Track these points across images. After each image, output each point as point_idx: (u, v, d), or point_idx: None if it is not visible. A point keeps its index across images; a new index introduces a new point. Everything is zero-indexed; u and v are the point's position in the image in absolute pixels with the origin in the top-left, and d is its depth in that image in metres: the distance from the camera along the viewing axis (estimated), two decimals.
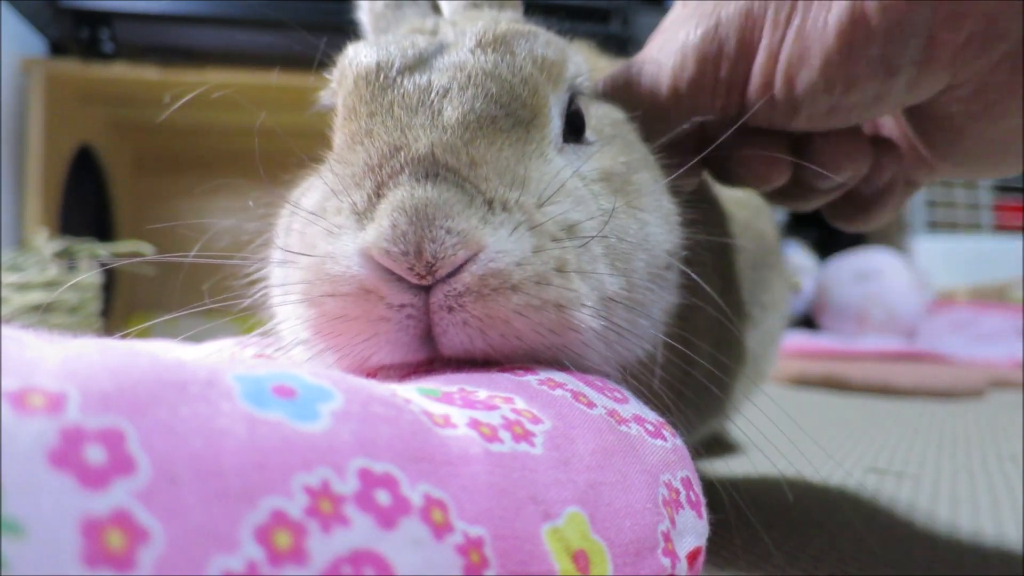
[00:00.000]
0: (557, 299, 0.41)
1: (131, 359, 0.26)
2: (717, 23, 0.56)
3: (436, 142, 0.43)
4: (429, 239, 0.39)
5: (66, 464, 0.21)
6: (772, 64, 0.54)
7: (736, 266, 0.76)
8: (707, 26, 0.56)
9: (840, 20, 0.49)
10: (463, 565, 0.27)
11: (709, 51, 0.56)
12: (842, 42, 0.50)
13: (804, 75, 0.52)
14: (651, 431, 0.39)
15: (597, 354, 0.45)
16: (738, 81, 0.56)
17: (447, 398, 0.36)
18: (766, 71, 0.54)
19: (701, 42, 0.56)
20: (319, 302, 0.42)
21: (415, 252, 0.39)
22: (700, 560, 0.37)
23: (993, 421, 1.56)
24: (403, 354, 0.42)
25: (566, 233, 0.44)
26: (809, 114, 0.55)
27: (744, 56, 0.55)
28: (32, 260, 1.51)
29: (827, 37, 0.50)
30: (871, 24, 0.48)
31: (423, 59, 0.49)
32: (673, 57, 0.58)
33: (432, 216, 0.39)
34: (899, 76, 0.50)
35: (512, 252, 0.40)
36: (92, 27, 2.38)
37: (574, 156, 0.50)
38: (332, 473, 0.26)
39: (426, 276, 0.39)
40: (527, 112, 0.47)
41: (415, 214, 0.39)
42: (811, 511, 0.79)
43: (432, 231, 0.39)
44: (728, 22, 0.55)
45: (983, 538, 0.72)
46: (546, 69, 0.50)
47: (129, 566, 0.21)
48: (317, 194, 0.47)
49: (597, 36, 0.94)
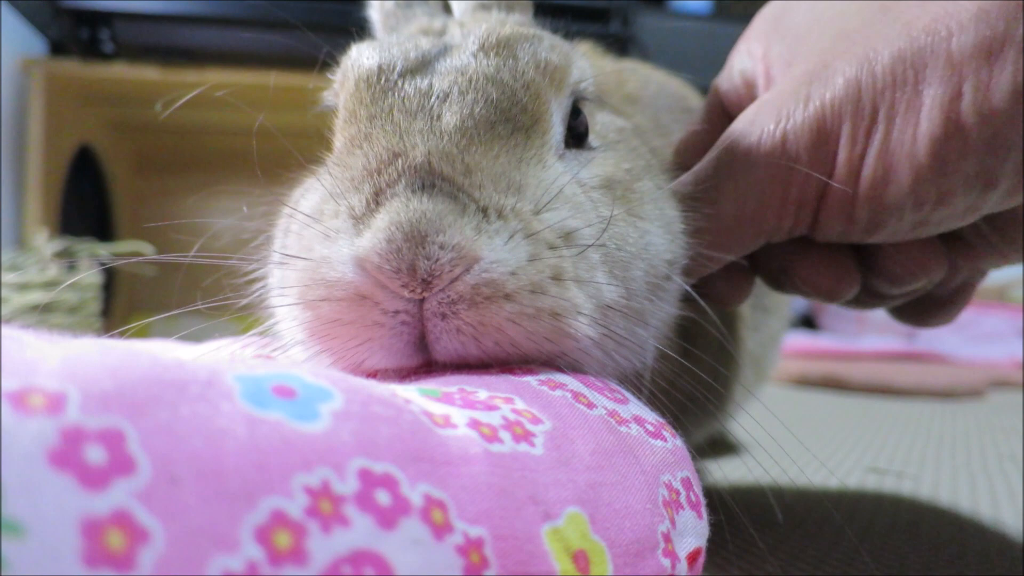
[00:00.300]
0: (552, 307, 0.41)
1: (131, 359, 0.26)
2: (784, 138, 0.50)
3: (433, 150, 0.43)
4: (423, 256, 0.39)
5: (66, 464, 0.21)
6: (852, 183, 0.48)
7: None
8: (773, 142, 0.50)
9: (933, 135, 0.45)
10: (463, 565, 0.27)
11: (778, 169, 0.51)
12: (935, 158, 0.45)
13: (890, 194, 0.47)
14: (651, 432, 0.39)
15: (595, 362, 0.45)
16: (809, 200, 0.51)
17: (447, 398, 0.36)
18: (843, 191, 0.49)
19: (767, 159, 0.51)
20: (314, 305, 0.42)
21: (408, 270, 0.39)
22: (700, 560, 0.37)
23: (993, 421, 1.56)
24: (397, 359, 0.42)
25: (563, 241, 0.43)
26: (892, 231, 0.50)
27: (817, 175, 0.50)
28: (32, 260, 1.51)
29: (917, 153, 0.45)
30: (968, 139, 0.44)
31: (425, 62, 0.49)
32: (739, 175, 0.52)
33: (425, 232, 0.39)
34: (997, 189, 0.46)
35: (507, 261, 0.40)
36: (92, 27, 2.37)
37: (575, 162, 0.50)
38: (332, 473, 0.26)
39: (421, 293, 0.39)
40: (528, 117, 0.47)
41: (410, 229, 0.39)
42: (811, 511, 0.79)
43: (426, 248, 0.39)
44: (797, 136, 0.49)
45: (983, 538, 0.72)
46: (549, 74, 0.50)
47: (129, 566, 0.21)
48: (315, 196, 0.47)
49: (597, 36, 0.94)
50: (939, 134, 0.45)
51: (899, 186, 0.47)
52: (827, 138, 0.49)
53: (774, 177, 0.51)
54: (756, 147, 0.51)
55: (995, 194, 0.46)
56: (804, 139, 0.49)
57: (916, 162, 0.46)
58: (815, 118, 0.49)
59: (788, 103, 0.50)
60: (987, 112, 0.44)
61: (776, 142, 0.50)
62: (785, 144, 0.50)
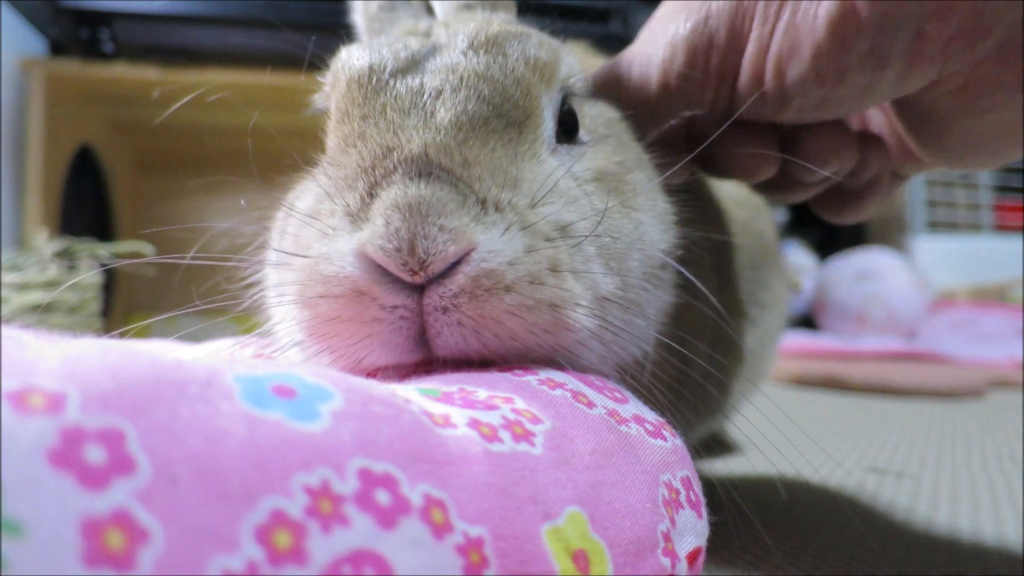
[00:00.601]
0: (551, 299, 0.41)
1: (131, 359, 0.26)
2: (707, 16, 0.56)
3: (429, 142, 0.43)
4: (422, 235, 0.39)
5: (66, 464, 0.21)
6: (762, 56, 0.54)
7: (735, 265, 0.76)
8: (696, 19, 0.56)
9: (830, 13, 0.50)
10: (463, 565, 0.27)
11: (699, 43, 0.56)
12: (832, 35, 0.50)
13: (794, 67, 0.52)
14: (651, 431, 0.39)
15: (593, 354, 0.45)
16: (728, 73, 0.57)
17: (447, 398, 0.36)
18: (756, 63, 0.54)
19: (691, 34, 0.56)
20: (313, 303, 0.42)
21: (408, 248, 0.39)
22: (700, 560, 0.37)
23: (993, 421, 1.56)
24: (397, 355, 0.42)
25: (559, 233, 0.44)
26: (799, 106, 0.55)
27: (734, 48, 0.55)
28: (32, 260, 1.51)
29: (817, 30, 0.50)
30: (861, 17, 0.49)
31: (415, 61, 0.49)
32: (662, 50, 0.58)
33: (425, 213, 0.39)
34: (888, 69, 0.50)
35: (504, 252, 0.40)
36: (92, 27, 2.38)
37: (567, 156, 0.50)
38: (332, 473, 0.26)
39: (419, 273, 0.39)
40: (519, 113, 0.48)
41: (408, 211, 0.39)
42: (811, 511, 0.79)
43: (425, 227, 0.39)
44: (718, 15, 0.55)
45: (983, 538, 0.72)
46: (538, 70, 0.50)
47: (129, 566, 0.21)
48: (311, 197, 0.47)
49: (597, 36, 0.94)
50: (836, 14, 0.49)
51: (801, 61, 0.52)
52: (743, 16, 0.54)
53: (697, 49, 0.57)
54: (684, 23, 0.57)
55: (887, 74, 0.51)
56: (724, 17, 0.55)
57: (816, 38, 0.51)
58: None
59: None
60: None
61: (700, 19, 0.56)
62: (708, 21, 0.56)
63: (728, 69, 0.56)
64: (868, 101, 0.54)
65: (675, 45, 0.57)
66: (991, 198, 4.82)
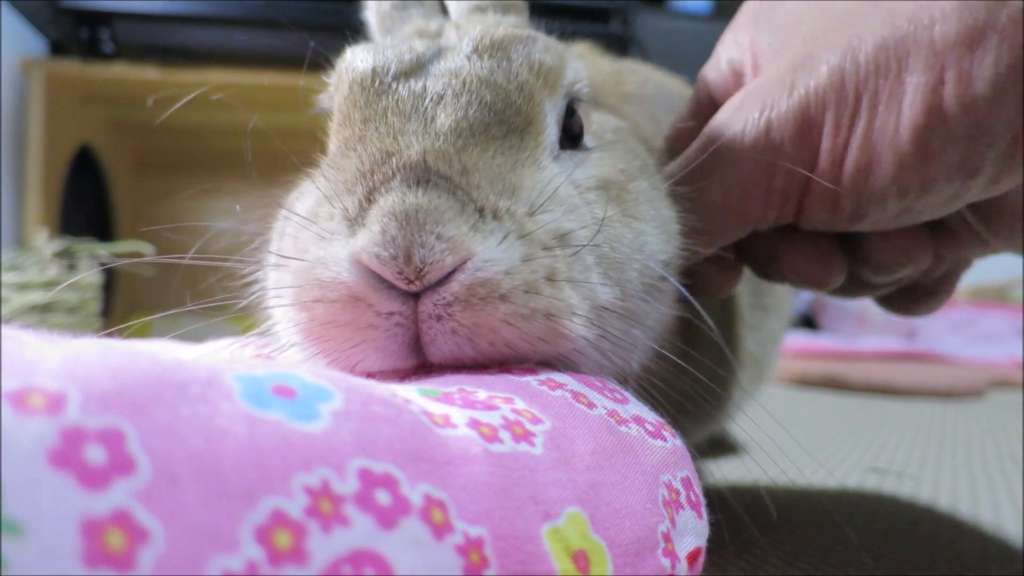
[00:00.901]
0: (547, 308, 0.41)
1: (131, 359, 0.26)
2: (768, 127, 0.50)
3: (428, 149, 0.43)
4: (419, 244, 0.39)
5: (66, 464, 0.21)
6: (836, 172, 0.49)
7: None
8: (757, 131, 0.51)
9: (915, 124, 0.45)
10: (463, 565, 0.27)
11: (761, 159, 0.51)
12: (918, 146, 0.45)
13: (874, 182, 0.48)
14: (651, 431, 0.39)
15: (590, 363, 0.45)
16: (794, 189, 0.51)
17: (447, 398, 0.36)
18: (829, 179, 0.49)
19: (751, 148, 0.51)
20: (309, 307, 0.42)
21: (404, 257, 0.39)
22: (700, 560, 0.37)
23: (993, 421, 1.56)
24: (391, 361, 0.42)
25: (558, 242, 0.43)
26: (875, 219, 0.50)
27: (801, 162, 0.50)
28: (32, 260, 1.51)
29: (900, 141, 0.46)
30: (951, 127, 0.44)
31: (420, 64, 0.49)
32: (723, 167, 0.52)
33: (422, 221, 0.39)
34: (980, 177, 0.46)
35: (501, 261, 0.40)
36: (92, 27, 2.37)
37: (570, 163, 0.50)
38: (332, 473, 0.26)
39: (415, 282, 0.39)
40: (522, 119, 0.47)
41: (405, 219, 0.39)
42: (811, 512, 0.79)
43: (422, 236, 0.39)
44: (781, 125, 0.50)
45: (983, 538, 0.72)
46: (543, 75, 0.50)
47: (129, 566, 0.21)
48: (310, 199, 0.47)
49: (597, 36, 0.94)
50: (922, 122, 0.45)
51: (882, 174, 0.47)
52: (811, 127, 0.49)
53: (759, 167, 0.51)
54: (741, 136, 0.52)
55: (978, 182, 0.47)
56: (788, 128, 0.50)
57: (899, 150, 0.46)
58: (799, 106, 0.49)
59: (773, 92, 0.51)
60: (969, 100, 0.44)
61: (760, 131, 0.51)
62: (769, 133, 0.50)
63: (795, 185, 0.51)
64: (954, 207, 0.50)
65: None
66: None
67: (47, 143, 2.26)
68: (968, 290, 3.89)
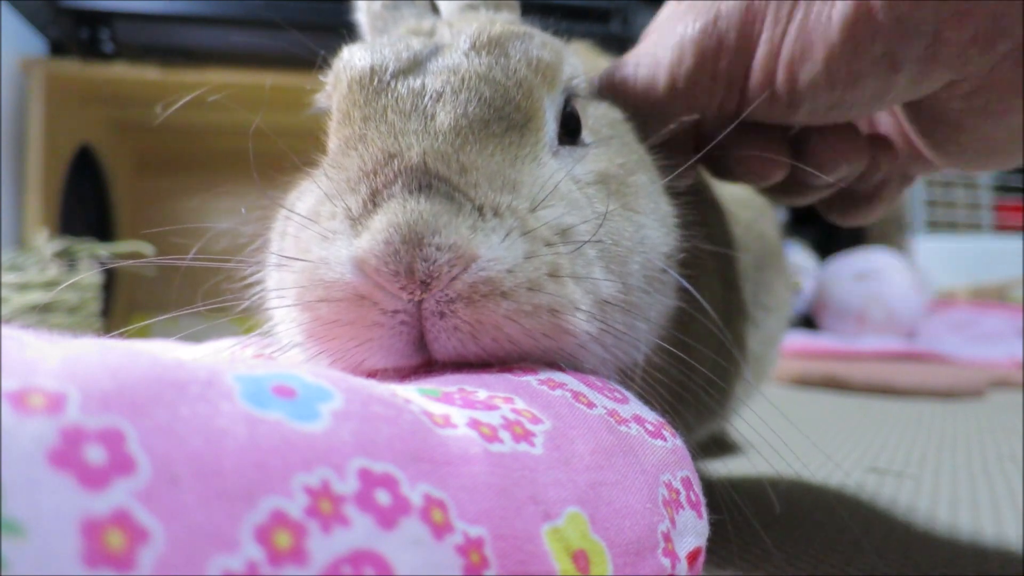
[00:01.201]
0: (550, 304, 0.41)
1: (131, 359, 0.26)
2: (716, 17, 0.55)
3: (428, 150, 0.43)
4: (421, 258, 0.39)
5: (66, 464, 0.21)
6: (774, 59, 0.53)
7: (738, 268, 0.76)
8: (706, 20, 0.55)
9: (845, 16, 0.49)
10: (463, 565, 0.27)
11: (708, 45, 0.55)
12: (846, 37, 0.49)
13: (807, 70, 0.52)
14: (651, 431, 0.39)
15: (594, 357, 0.45)
16: (737, 76, 0.56)
17: (447, 398, 0.36)
18: (767, 66, 0.53)
19: (700, 36, 0.55)
20: (313, 307, 0.42)
21: (406, 272, 0.39)
22: (700, 560, 0.37)
23: (993, 421, 1.56)
24: (396, 359, 0.42)
25: (559, 237, 0.43)
26: (810, 109, 0.54)
27: (744, 50, 0.54)
28: (32, 260, 1.51)
29: (831, 32, 0.50)
30: (876, 20, 0.48)
31: (417, 62, 0.49)
32: (670, 52, 0.57)
33: (422, 234, 0.39)
34: (903, 73, 0.50)
35: (504, 259, 0.40)
36: (92, 27, 2.38)
37: (569, 159, 0.50)
38: (332, 473, 0.26)
39: (420, 294, 0.40)
40: (521, 115, 0.47)
41: (407, 231, 0.39)
42: (811, 511, 0.79)
43: (423, 250, 0.39)
44: (728, 16, 0.54)
45: (983, 538, 0.72)
46: (541, 71, 0.50)
47: (129, 566, 0.21)
48: (312, 199, 0.47)
49: (597, 36, 0.94)
50: (851, 16, 0.49)
51: (814, 64, 0.51)
52: (754, 18, 0.53)
53: (705, 54, 0.56)
54: (692, 24, 0.56)
55: (901, 78, 0.50)
56: (734, 18, 0.54)
57: (830, 41, 0.50)
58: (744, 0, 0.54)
59: None
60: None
61: (709, 20, 0.55)
62: (717, 22, 0.55)
63: (738, 71, 0.55)
64: (881, 104, 0.53)
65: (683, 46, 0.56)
66: (991, 198, 4.83)
67: (47, 143, 2.26)
68: (968, 290, 3.89)
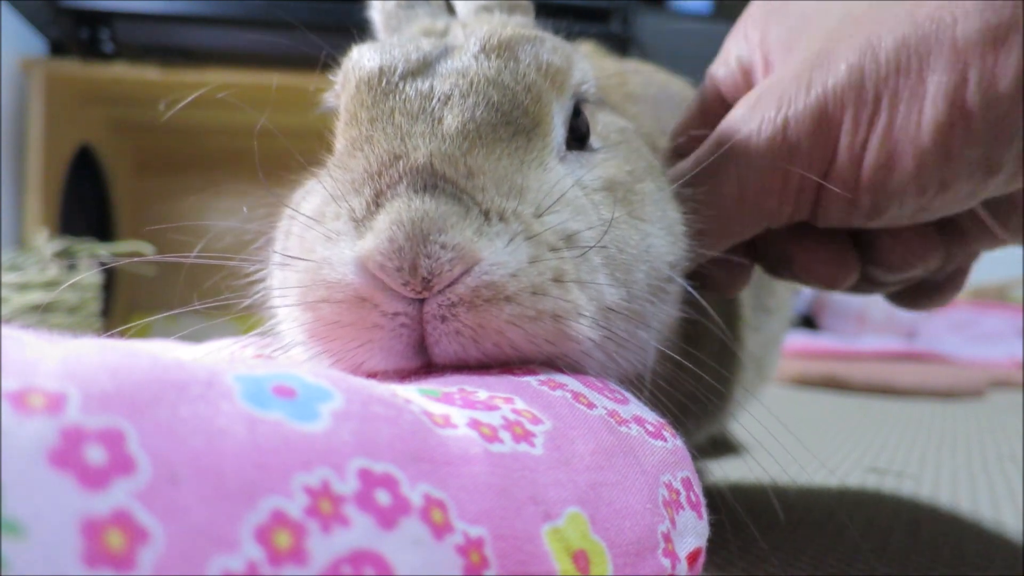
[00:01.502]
0: (554, 309, 0.41)
1: (131, 359, 0.26)
2: (785, 125, 0.50)
3: (435, 152, 0.43)
4: (424, 255, 0.39)
5: (66, 464, 0.21)
6: (855, 170, 0.49)
7: None
8: (774, 129, 0.50)
9: (937, 121, 0.45)
10: (463, 565, 0.27)
11: (778, 155, 0.51)
12: (939, 144, 0.45)
13: (894, 180, 0.47)
14: (651, 432, 0.39)
15: (596, 364, 0.45)
16: (810, 186, 0.51)
17: (447, 398, 0.36)
18: (847, 175, 0.49)
19: (768, 146, 0.51)
20: (315, 307, 0.42)
21: (410, 268, 0.39)
22: (700, 560, 0.37)
23: (993, 421, 1.56)
24: (396, 361, 0.42)
25: (564, 243, 0.43)
26: (892, 217, 0.50)
27: (820, 160, 0.50)
28: (32, 260, 1.51)
29: (921, 139, 0.46)
30: (973, 125, 0.44)
31: (427, 63, 0.49)
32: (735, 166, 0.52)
33: (427, 231, 0.39)
34: (1000, 175, 0.46)
35: (507, 264, 0.40)
36: (92, 27, 2.37)
37: (577, 164, 0.49)
38: (332, 473, 0.26)
39: (422, 292, 0.39)
40: (529, 120, 0.47)
41: (412, 228, 0.39)
42: (811, 511, 0.79)
43: (427, 247, 0.39)
44: (798, 122, 0.49)
45: (983, 538, 0.72)
46: (550, 76, 0.49)
47: (129, 566, 0.21)
48: (317, 199, 0.47)
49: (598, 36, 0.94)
50: (944, 121, 0.45)
51: (902, 173, 0.47)
52: (829, 125, 0.49)
53: (776, 163, 0.51)
54: (757, 133, 0.51)
55: (998, 179, 0.47)
56: (806, 125, 0.49)
57: (920, 149, 0.46)
58: (817, 105, 0.49)
59: (790, 89, 0.50)
60: (992, 98, 0.43)
61: (777, 128, 0.50)
62: (787, 130, 0.50)
63: (811, 182, 0.51)
64: (970, 204, 0.50)
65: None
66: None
67: (47, 143, 2.25)
68: (968, 290, 3.88)
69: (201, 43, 2.43)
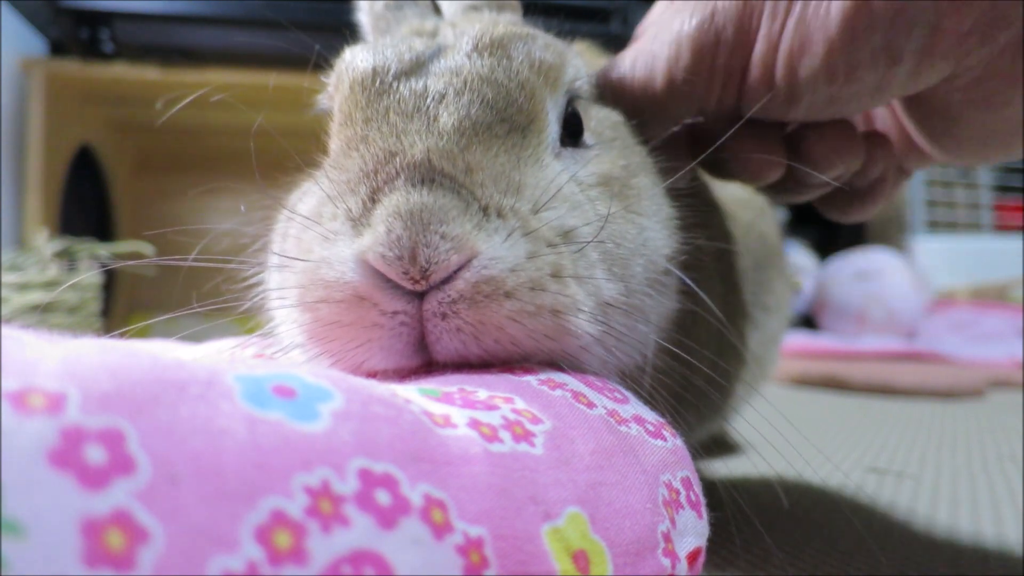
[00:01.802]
0: (553, 305, 0.41)
1: (131, 359, 0.26)
2: (713, 13, 0.54)
3: (432, 148, 0.43)
4: (423, 244, 0.39)
5: (66, 464, 0.21)
6: (772, 53, 0.53)
7: (739, 269, 0.76)
8: (702, 16, 0.55)
9: (844, 9, 0.49)
10: (463, 565, 0.27)
11: (706, 40, 0.55)
12: (845, 30, 0.49)
13: (806, 64, 0.51)
14: (651, 431, 0.39)
15: (596, 359, 0.45)
16: (735, 71, 0.55)
17: (447, 398, 0.36)
18: (766, 60, 0.53)
19: (697, 31, 0.55)
20: (313, 307, 0.42)
21: (409, 257, 0.39)
22: (700, 560, 0.37)
23: (993, 421, 1.56)
24: (396, 360, 0.42)
25: (562, 239, 0.43)
26: (808, 104, 0.54)
27: (742, 45, 0.54)
28: (32, 260, 1.51)
29: (830, 25, 0.50)
30: (875, 12, 0.48)
31: (420, 63, 0.49)
32: (667, 48, 0.56)
33: (427, 221, 0.39)
34: (901, 65, 0.50)
35: (506, 259, 0.40)
36: (92, 27, 2.38)
37: (572, 160, 0.50)
38: (332, 473, 0.26)
39: (420, 281, 0.39)
40: (523, 117, 0.47)
41: (410, 218, 0.39)
42: (811, 511, 0.79)
43: (427, 236, 0.39)
44: (724, 12, 0.54)
45: (983, 538, 0.72)
46: (543, 73, 0.50)
47: (129, 566, 0.21)
48: (313, 200, 0.47)
49: (597, 36, 0.94)
50: (849, 8, 0.49)
51: (813, 58, 0.51)
52: (751, 13, 0.53)
53: (702, 50, 0.55)
54: (689, 20, 0.56)
55: (899, 71, 0.50)
56: (731, 14, 0.54)
57: (829, 34, 0.50)
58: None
59: None
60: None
61: (706, 16, 0.55)
62: (714, 18, 0.55)
63: (735, 67, 0.55)
64: (880, 98, 0.53)
65: (680, 43, 0.56)
66: (991, 198, 4.82)
67: (47, 143, 2.26)
68: (968, 290, 3.89)
69: (201, 43, 2.43)
